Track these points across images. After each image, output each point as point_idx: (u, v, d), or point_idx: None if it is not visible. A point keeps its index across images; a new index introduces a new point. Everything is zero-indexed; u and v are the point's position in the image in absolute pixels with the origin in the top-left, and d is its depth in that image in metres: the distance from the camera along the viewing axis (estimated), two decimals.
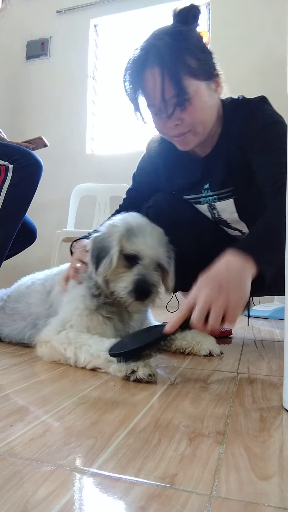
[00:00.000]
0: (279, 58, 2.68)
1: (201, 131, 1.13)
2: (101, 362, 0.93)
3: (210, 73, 1.10)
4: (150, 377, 0.86)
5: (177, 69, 1.03)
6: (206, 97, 1.10)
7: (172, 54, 1.03)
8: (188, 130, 1.12)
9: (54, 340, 1.03)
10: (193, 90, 1.05)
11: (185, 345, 1.16)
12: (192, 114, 1.08)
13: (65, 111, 3.42)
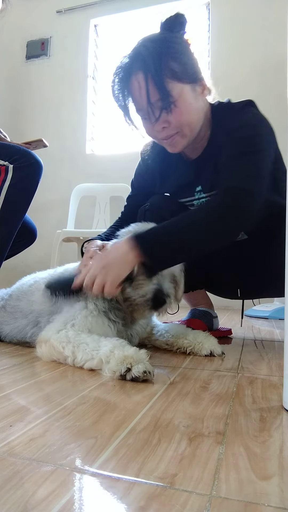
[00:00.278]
0: (279, 58, 2.68)
1: (188, 133, 1.16)
2: (95, 364, 0.94)
3: (194, 77, 1.13)
4: (145, 374, 0.86)
5: (160, 74, 1.06)
6: (191, 99, 1.12)
7: (155, 60, 1.06)
8: (176, 132, 1.15)
9: (53, 339, 1.03)
10: (178, 93, 1.09)
11: (187, 344, 1.16)
12: (178, 117, 1.11)
13: (65, 111, 3.42)
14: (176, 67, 1.08)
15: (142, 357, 0.89)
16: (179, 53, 1.11)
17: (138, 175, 1.45)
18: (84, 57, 3.42)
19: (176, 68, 1.08)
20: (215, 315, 1.53)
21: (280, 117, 1.31)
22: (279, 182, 1.23)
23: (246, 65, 2.88)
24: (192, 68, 1.13)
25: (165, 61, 1.07)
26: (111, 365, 0.89)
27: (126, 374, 0.86)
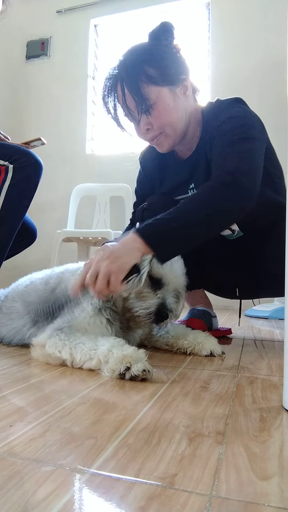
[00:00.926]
0: (279, 58, 2.68)
1: (171, 133, 1.21)
2: (94, 364, 0.93)
3: (173, 79, 1.18)
4: (145, 372, 0.86)
5: (136, 80, 1.14)
6: (169, 100, 1.18)
7: (131, 67, 1.15)
8: (159, 133, 1.21)
9: (48, 346, 1.01)
10: (155, 96, 1.16)
11: (187, 345, 1.16)
12: (157, 118, 1.18)
13: (65, 111, 3.42)
14: (152, 72, 1.15)
15: (141, 356, 0.90)
16: (157, 59, 1.17)
17: (140, 183, 1.53)
18: (84, 57, 3.42)
19: (152, 73, 1.15)
20: (214, 315, 1.53)
21: (280, 117, 1.32)
22: (273, 178, 1.24)
23: (246, 65, 2.88)
24: (171, 71, 1.18)
25: (142, 67, 1.15)
26: (110, 365, 0.89)
27: (125, 373, 0.86)
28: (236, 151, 1.11)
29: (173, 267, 1.08)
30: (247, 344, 1.37)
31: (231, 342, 1.43)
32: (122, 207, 3.04)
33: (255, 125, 1.19)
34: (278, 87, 2.58)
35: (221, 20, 3.02)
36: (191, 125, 1.27)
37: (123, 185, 3.05)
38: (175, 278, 1.09)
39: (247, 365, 1.05)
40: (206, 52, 3.09)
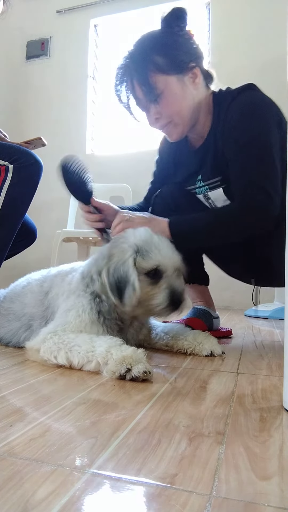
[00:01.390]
0: (279, 58, 2.68)
1: (180, 121, 1.23)
2: (93, 366, 0.92)
3: (181, 67, 1.18)
4: (146, 374, 0.86)
5: (143, 69, 1.15)
6: (177, 89, 1.18)
7: (140, 57, 1.17)
8: (168, 122, 1.23)
9: (42, 352, 1.00)
10: (163, 84, 1.16)
11: (187, 345, 1.16)
12: (166, 107, 1.19)
13: (65, 111, 3.42)
14: (160, 60, 1.15)
15: (140, 356, 0.89)
16: (166, 47, 1.16)
17: (156, 164, 1.53)
18: (84, 57, 3.42)
19: (160, 61, 1.15)
20: (215, 315, 1.52)
21: None
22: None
23: (246, 65, 2.88)
24: (180, 59, 1.17)
25: (150, 56, 1.15)
26: (110, 366, 0.88)
27: (126, 374, 0.86)
28: (254, 171, 1.13)
29: (161, 251, 1.06)
30: (247, 344, 1.37)
31: (231, 342, 1.43)
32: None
33: (268, 122, 1.16)
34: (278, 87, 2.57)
35: (221, 20, 3.02)
36: (202, 114, 1.27)
37: (123, 185, 3.05)
38: (169, 260, 1.07)
39: (247, 365, 1.05)
40: (206, 52, 3.09)
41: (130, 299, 1.01)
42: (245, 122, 1.16)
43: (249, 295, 2.50)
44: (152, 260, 1.04)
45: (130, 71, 1.18)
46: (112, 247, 1.09)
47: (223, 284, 1.59)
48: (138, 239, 1.07)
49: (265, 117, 1.16)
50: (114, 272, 1.03)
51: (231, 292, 2.70)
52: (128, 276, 1.01)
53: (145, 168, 3.19)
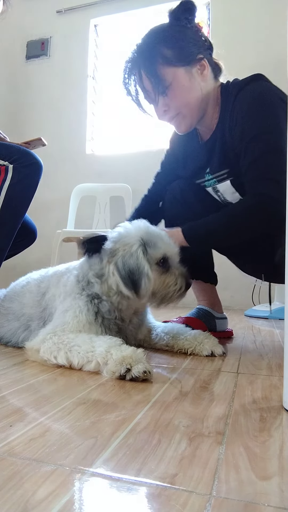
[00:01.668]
0: (279, 57, 2.68)
1: (187, 113, 1.23)
2: (93, 366, 0.92)
3: (189, 59, 1.19)
4: (145, 374, 0.86)
5: (151, 62, 1.16)
6: (185, 81, 1.19)
7: (148, 49, 1.17)
8: (176, 113, 1.23)
9: (42, 352, 1.00)
10: (171, 76, 1.17)
11: (187, 345, 1.16)
12: (174, 99, 1.20)
13: (65, 111, 3.42)
14: (168, 53, 1.16)
15: (140, 356, 0.89)
16: (174, 39, 1.17)
17: (166, 156, 1.53)
18: (84, 57, 3.42)
19: (168, 54, 1.16)
20: (220, 316, 1.50)
21: None
22: None
23: (246, 65, 2.86)
24: (187, 51, 1.18)
25: (158, 49, 1.16)
26: (110, 366, 0.88)
27: (126, 374, 0.86)
28: (263, 168, 1.12)
29: (164, 241, 1.10)
30: (247, 344, 1.37)
31: (231, 342, 1.43)
32: (122, 207, 3.03)
33: (277, 112, 1.14)
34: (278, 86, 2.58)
35: (221, 20, 3.02)
36: (210, 105, 1.27)
37: (123, 185, 3.05)
38: (173, 247, 1.11)
39: (247, 365, 1.05)
40: None
41: (147, 289, 1.04)
42: (252, 113, 1.15)
43: (249, 295, 2.50)
44: (161, 250, 1.08)
45: (139, 64, 1.19)
46: (114, 244, 1.09)
47: (223, 284, 1.59)
48: (142, 231, 1.09)
49: (273, 107, 1.15)
50: (124, 265, 1.04)
51: (231, 292, 2.70)
52: (141, 267, 1.03)
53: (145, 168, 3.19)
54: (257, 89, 1.19)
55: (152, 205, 1.51)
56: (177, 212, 1.40)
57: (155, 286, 1.07)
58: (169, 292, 1.09)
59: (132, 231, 1.10)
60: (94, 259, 1.12)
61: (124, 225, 1.14)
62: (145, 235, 1.08)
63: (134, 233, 1.09)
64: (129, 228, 1.12)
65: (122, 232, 1.12)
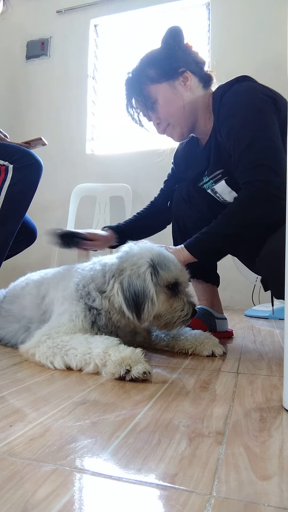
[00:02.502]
0: (279, 58, 2.68)
1: (175, 122, 1.32)
2: (91, 369, 0.92)
3: (170, 74, 1.29)
4: (145, 374, 0.85)
5: (139, 84, 1.30)
6: (168, 94, 1.29)
7: (136, 73, 1.31)
8: (167, 124, 1.33)
9: (37, 356, 0.99)
10: (156, 93, 1.29)
11: (188, 345, 1.16)
12: (161, 111, 1.30)
13: (65, 111, 3.42)
14: (152, 73, 1.29)
15: (139, 356, 0.89)
16: (157, 60, 1.30)
17: (172, 164, 1.60)
18: (84, 57, 3.42)
19: (152, 74, 1.29)
20: (219, 316, 1.50)
21: None
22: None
23: (246, 65, 2.88)
24: (169, 66, 1.28)
25: (144, 71, 1.29)
26: (109, 368, 0.88)
27: (126, 375, 0.86)
28: (252, 155, 1.13)
29: (176, 265, 1.09)
30: (247, 344, 1.37)
31: (231, 342, 1.43)
32: (122, 207, 3.03)
33: (260, 106, 1.17)
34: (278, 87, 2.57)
35: (221, 20, 3.02)
36: (200, 112, 1.33)
37: (123, 185, 3.05)
38: (184, 273, 1.11)
39: (247, 365, 1.05)
40: (206, 52, 3.09)
41: (149, 313, 1.02)
42: (237, 110, 1.19)
43: (249, 295, 2.50)
44: (173, 274, 1.07)
45: (129, 88, 1.33)
46: (122, 262, 1.07)
47: (223, 284, 1.59)
48: (153, 253, 1.07)
49: (256, 102, 1.18)
50: (130, 286, 1.02)
51: (231, 292, 2.70)
52: (147, 290, 1.01)
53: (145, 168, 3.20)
54: (240, 89, 1.23)
55: (153, 212, 1.56)
56: (184, 211, 1.45)
57: (161, 309, 1.06)
58: (174, 317, 1.08)
59: (143, 251, 1.08)
60: (94, 272, 1.11)
61: (131, 245, 1.12)
62: (157, 257, 1.07)
63: (144, 254, 1.07)
64: (139, 248, 1.10)
65: (131, 251, 1.09)
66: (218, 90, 1.29)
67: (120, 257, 1.09)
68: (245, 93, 1.21)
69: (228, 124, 1.20)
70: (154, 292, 1.02)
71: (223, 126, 1.22)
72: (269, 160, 1.10)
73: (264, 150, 1.12)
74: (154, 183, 2.90)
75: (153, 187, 1.64)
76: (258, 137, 1.13)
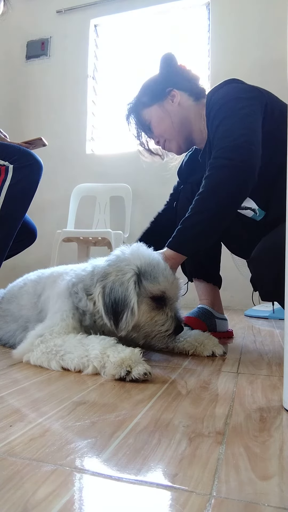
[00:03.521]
0: (279, 58, 2.68)
1: (170, 136, 1.42)
2: (90, 371, 0.91)
3: (159, 96, 1.39)
4: (146, 375, 0.85)
5: (135, 112, 1.44)
6: (159, 114, 1.40)
7: (134, 101, 1.45)
8: (164, 140, 1.44)
9: (32, 362, 0.98)
10: (149, 116, 1.42)
11: (188, 347, 1.16)
12: (156, 131, 1.43)
13: (65, 111, 3.42)
14: (145, 98, 1.41)
15: (139, 357, 0.88)
16: (150, 85, 1.41)
17: (178, 177, 1.66)
18: (84, 57, 3.42)
19: (145, 99, 1.41)
20: (220, 317, 1.50)
21: None
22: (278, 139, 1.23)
23: (246, 65, 2.88)
24: (157, 90, 1.39)
25: (139, 99, 1.42)
26: (109, 370, 0.87)
27: (126, 376, 0.86)
28: (220, 133, 1.15)
29: (167, 278, 1.04)
30: (247, 344, 1.37)
31: (232, 342, 1.43)
32: (122, 207, 3.03)
33: (239, 98, 1.20)
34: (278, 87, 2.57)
35: (221, 20, 3.02)
36: (194, 123, 1.40)
37: (123, 185, 3.05)
38: (175, 288, 1.06)
39: (247, 365, 1.05)
40: (206, 52, 3.09)
41: (127, 324, 0.98)
42: (220, 111, 1.20)
43: (249, 295, 2.50)
44: (160, 286, 1.02)
45: (131, 117, 1.46)
46: (109, 266, 1.05)
47: (223, 284, 1.59)
48: (142, 262, 1.03)
49: (239, 99, 1.20)
50: (111, 292, 0.99)
51: (231, 292, 2.70)
52: (128, 299, 0.98)
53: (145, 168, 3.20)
54: (225, 90, 1.26)
55: (160, 226, 1.56)
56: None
57: (141, 320, 1.01)
58: (154, 331, 1.03)
59: (130, 257, 1.05)
60: (87, 272, 1.09)
61: (123, 249, 1.09)
62: (147, 267, 1.02)
63: (132, 261, 1.03)
64: (130, 253, 1.07)
65: (121, 255, 1.07)
66: (208, 95, 1.32)
67: (109, 261, 1.07)
68: (230, 92, 1.24)
69: (215, 122, 1.21)
70: (135, 302, 0.98)
71: (211, 127, 1.24)
72: (239, 138, 1.10)
73: (228, 125, 1.14)
74: (154, 183, 2.92)
75: (153, 187, 1.64)
76: (227, 117, 1.16)
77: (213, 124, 1.21)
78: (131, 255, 1.06)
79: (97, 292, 1.02)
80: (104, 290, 1.00)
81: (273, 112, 1.20)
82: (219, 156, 1.10)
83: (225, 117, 1.16)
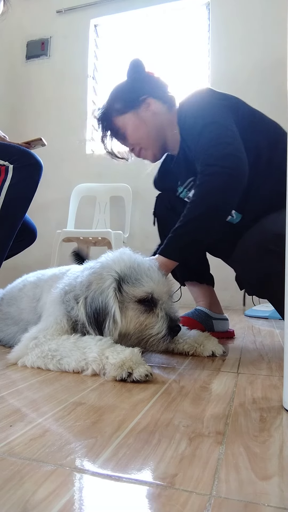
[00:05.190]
0: (279, 58, 2.68)
1: (146, 145, 1.41)
2: (90, 373, 0.90)
3: (133, 103, 1.37)
4: (147, 377, 0.85)
5: (108, 118, 1.41)
6: (134, 121, 1.38)
7: (106, 107, 1.41)
8: (140, 148, 1.43)
9: (29, 363, 0.98)
10: (122, 123, 1.39)
11: (187, 348, 1.15)
12: (131, 138, 1.40)
13: (65, 111, 3.42)
14: (118, 105, 1.38)
15: (139, 357, 0.88)
16: (122, 92, 1.39)
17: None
18: (84, 57, 3.42)
19: (118, 106, 1.38)
20: (216, 317, 1.50)
21: (280, 117, 1.32)
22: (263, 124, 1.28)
23: (246, 65, 2.88)
24: (130, 97, 1.37)
25: (111, 106, 1.39)
26: (110, 371, 0.86)
27: (127, 378, 0.85)
28: (205, 141, 1.16)
29: (153, 278, 1.01)
30: (247, 344, 1.37)
31: (231, 342, 1.43)
32: (122, 207, 3.04)
33: (214, 104, 1.24)
34: (278, 87, 2.58)
35: (221, 20, 3.02)
36: (167, 131, 1.39)
37: (123, 185, 3.05)
38: (162, 286, 1.03)
39: (247, 365, 1.05)
40: (206, 52, 3.09)
41: (111, 332, 0.96)
42: (198, 118, 1.21)
43: (249, 295, 2.50)
44: (145, 288, 0.98)
45: (102, 123, 1.44)
46: (92, 273, 1.03)
47: (223, 284, 1.59)
48: (122, 266, 1.01)
49: (214, 106, 1.23)
50: (92, 302, 0.97)
51: (231, 292, 2.69)
52: (108, 307, 0.95)
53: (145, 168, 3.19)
54: (197, 98, 1.29)
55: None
56: (171, 218, 1.37)
57: (129, 326, 0.98)
58: (145, 335, 0.99)
59: (113, 263, 1.02)
60: (80, 280, 1.07)
61: (108, 255, 1.07)
62: (128, 270, 1.00)
63: (112, 267, 1.01)
64: (112, 259, 1.04)
65: (104, 262, 1.05)
66: (180, 103, 1.34)
67: (93, 268, 1.05)
68: (200, 100, 1.27)
69: (195, 129, 1.22)
70: (116, 309, 0.95)
71: (191, 133, 1.24)
72: (226, 146, 1.13)
73: (214, 133, 1.15)
74: None
75: (153, 187, 1.63)
76: (208, 124, 1.17)
77: (193, 132, 1.21)
78: (113, 261, 1.04)
79: (80, 302, 1.00)
80: (86, 300, 0.99)
81: (244, 117, 1.25)
82: (211, 164, 1.12)
83: (205, 124, 1.18)
